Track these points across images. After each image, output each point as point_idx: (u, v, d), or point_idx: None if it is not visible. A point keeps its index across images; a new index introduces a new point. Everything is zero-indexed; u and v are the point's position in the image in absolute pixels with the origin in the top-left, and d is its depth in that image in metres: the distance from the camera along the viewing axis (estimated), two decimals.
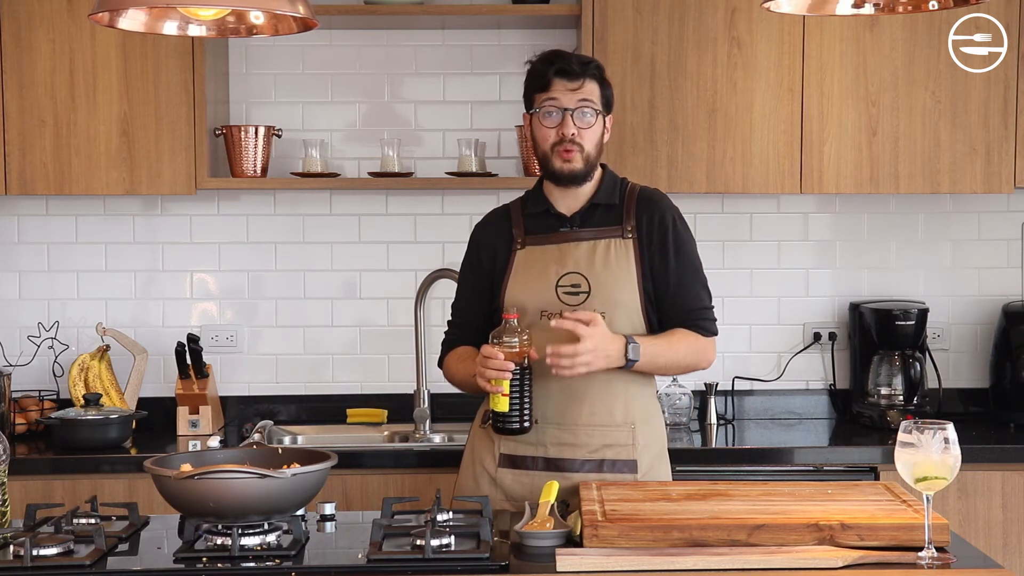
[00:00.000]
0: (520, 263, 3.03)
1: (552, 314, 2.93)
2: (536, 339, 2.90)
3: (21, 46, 3.94)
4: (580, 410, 2.97)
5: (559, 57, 3.02)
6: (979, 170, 4.02)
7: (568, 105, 2.97)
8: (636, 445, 3.00)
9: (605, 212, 3.05)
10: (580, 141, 2.97)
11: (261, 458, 2.67)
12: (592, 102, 2.98)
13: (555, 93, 2.98)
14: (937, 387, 4.23)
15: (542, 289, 2.98)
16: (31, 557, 2.36)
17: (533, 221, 3.07)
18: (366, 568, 2.39)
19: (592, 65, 3.02)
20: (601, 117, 3.01)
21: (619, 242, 3.01)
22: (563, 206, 3.06)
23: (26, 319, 4.30)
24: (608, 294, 2.97)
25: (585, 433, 2.96)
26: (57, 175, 3.98)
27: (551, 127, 2.98)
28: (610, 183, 3.09)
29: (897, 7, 2.60)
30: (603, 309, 2.95)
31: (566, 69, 2.98)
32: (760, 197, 4.34)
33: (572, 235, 3.02)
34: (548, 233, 3.04)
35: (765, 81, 3.99)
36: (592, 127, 2.98)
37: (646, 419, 3.04)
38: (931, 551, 2.35)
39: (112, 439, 3.84)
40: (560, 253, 3.01)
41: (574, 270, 2.98)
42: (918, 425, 2.38)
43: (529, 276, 3.01)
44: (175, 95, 3.98)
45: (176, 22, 2.66)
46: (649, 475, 3.02)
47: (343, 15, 4.08)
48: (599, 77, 3.03)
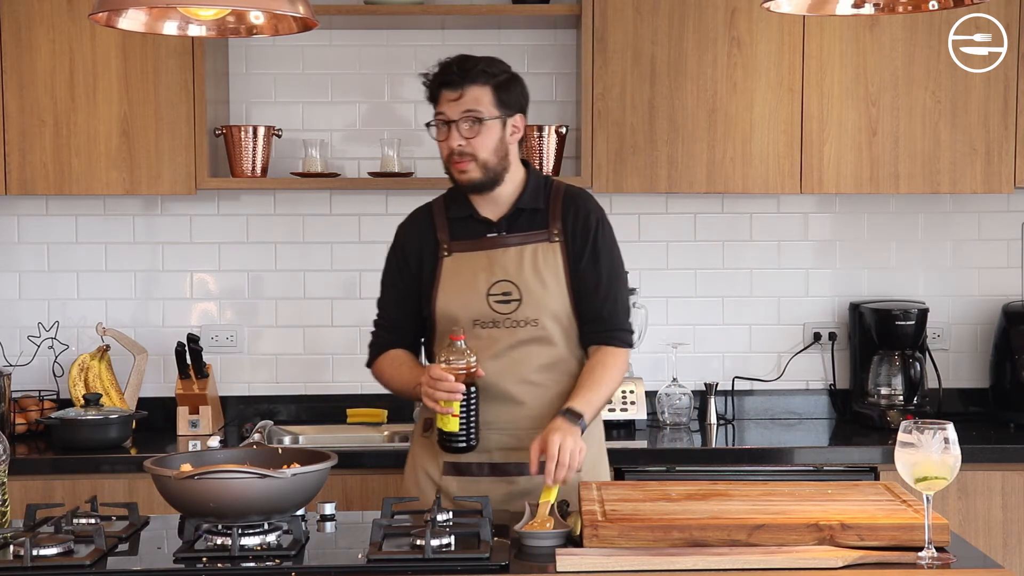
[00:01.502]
0: (448, 271, 3.01)
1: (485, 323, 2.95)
2: (474, 349, 2.90)
3: (21, 46, 3.94)
4: (520, 414, 2.97)
5: (444, 68, 2.98)
6: (979, 170, 4.02)
7: (452, 116, 2.94)
8: None
9: (531, 216, 3.03)
10: (471, 151, 2.94)
11: (261, 458, 2.67)
12: (476, 110, 2.93)
13: (442, 106, 2.96)
14: (937, 387, 4.23)
15: (473, 299, 2.97)
16: (31, 557, 2.36)
17: (458, 226, 3.05)
18: (366, 568, 2.39)
19: (476, 70, 2.95)
20: (496, 122, 2.95)
21: (546, 246, 3.00)
22: (487, 211, 3.04)
23: (26, 319, 4.30)
24: (538, 301, 2.96)
25: (528, 437, 2.94)
26: (57, 175, 3.98)
27: (442, 140, 2.97)
28: (534, 185, 3.06)
29: (897, 7, 2.60)
30: (535, 316, 2.96)
31: (447, 80, 2.95)
32: (760, 197, 4.34)
33: (499, 241, 3.00)
34: (474, 239, 3.02)
35: (765, 81, 3.99)
36: (480, 135, 2.93)
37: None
38: (931, 551, 2.36)
39: (112, 439, 3.84)
40: (488, 260, 2.99)
41: (504, 278, 2.97)
42: (918, 425, 2.38)
43: (459, 285, 2.99)
44: (175, 95, 3.98)
45: (176, 22, 2.66)
46: (590, 473, 3.02)
47: (343, 15, 4.08)
48: (489, 80, 2.96)
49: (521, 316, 2.96)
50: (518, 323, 2.96)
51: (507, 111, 2.98)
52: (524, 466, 2.92)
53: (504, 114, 2.97)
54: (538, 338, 2.97)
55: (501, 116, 2.96)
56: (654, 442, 3.98)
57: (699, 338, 4.37)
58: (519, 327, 2.96)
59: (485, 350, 2.93)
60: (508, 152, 3.00)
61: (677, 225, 4.37)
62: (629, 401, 4.10)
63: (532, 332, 2.96)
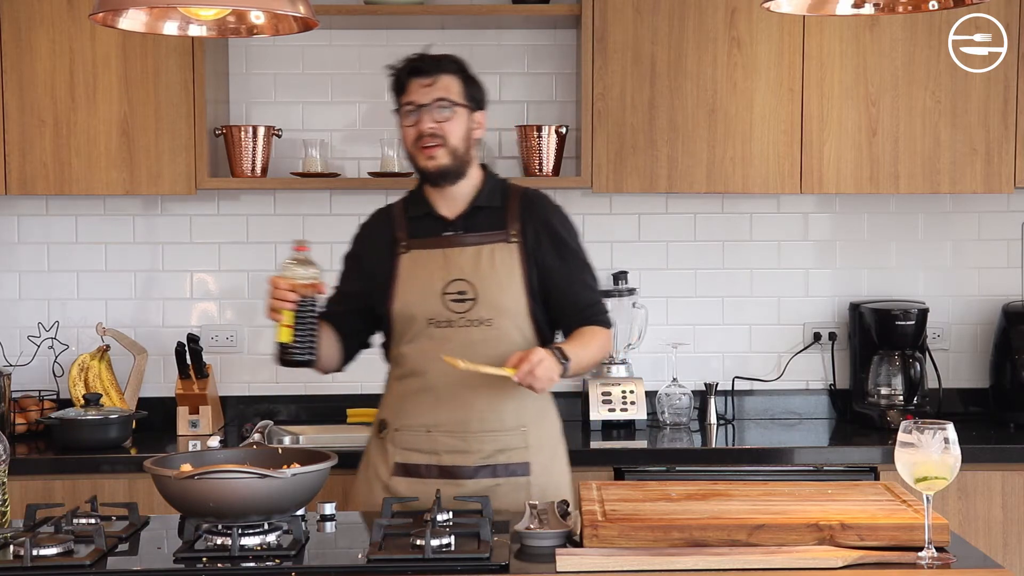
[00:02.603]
0: (405, 269, 3.02)
1: (440, 322, 2.96)
2: (427, 349, 2.94)
3: (21, 46, 3.94)
4: (471, 417, 2.98)
5: (414, 59, 3.03)
6: (979, 170, 4.02)
7: (423, 101, 2.97)
8: (528, 447, 3.02)
9: (488, 215, 3.04)
10: (442, 134, 2.97)
11: (261, 458, 2.67)
12: (448, 98, 2.97)
13: (411, 94, 2.99)
14: (937, 387, 4.23)
15: (428, 298, 2.98)
16: (31, 557, 2.36)
17: (416, 224, 3.07)
18: (366, 568, 2.39)
19: (446, 60, 3.02)
20: (464, 111, 3.00)
21: (503, 246, 3.01)
22: (445, 209, 3.05)
23: (26, 319, 4.30)
24: (494, 300, 2.97)
25: (477, 440, 2.96)
26: (57, 175, 3.98)
27: (410, 126, 2.99)
28: (491, 185, 3.08)
29: (897, 7, 2.60)
30: (490, 315, 2.97)
31: (419, 68, 3.00)
32: (760, 197, 4.34)
33: (456, 239, 3.02)
34: (431, 236, 3.03)
35: (765, 81, 3.99)
36: (451, 120, 2.97)
37: (538, 420, 3.06)
38: (931, 551, 2.35)
39: (112, 439, 3.84)
40: (445, 259, 3.00)
41: (459, 276, 2.98)
42: (918, 425, 2.38)
43: (415, 284, 3.00)
44: (175, 95, 3.98)
45: (176, 22, 2.66)
46: (543, 476, 3.02)
47: (343, 15, 4.08)
48: (458, 72, 3.02)
49: (475, 316, 2.97)
50: (472, 322, 2.97)
51: (473, 104, 3.03)
52: (472, 469, 2.96)
53: (471, 105, 3.02)
54: (492, 339, 2.97)
55: (468, 106, 3.01)
56: (654, 442, 3.98)
57: (699, 338, 4.37)
58: (473, 327, 2.97)
59: (438, 350, 2.94)
60: (472, 146, 3.04)
61: (677, 225, 4.37)
62: (629, 401, 4.11)
63: (486, 332, 2.97)
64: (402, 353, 3.04)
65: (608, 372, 4.22)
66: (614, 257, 4.35)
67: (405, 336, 3.03)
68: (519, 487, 2.95)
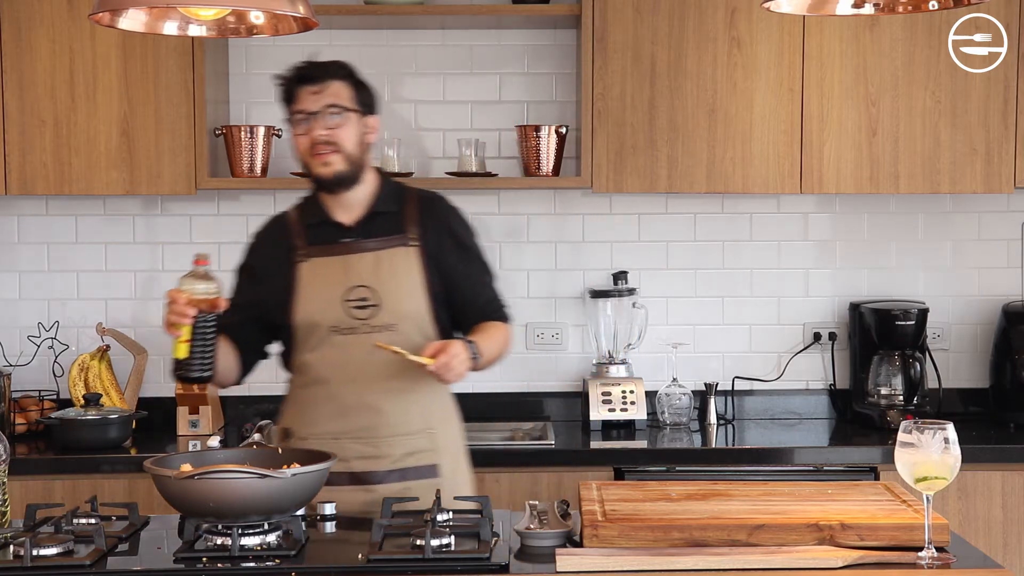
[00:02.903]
0: (305, 277, 3.00)
1: (343, 330, 2.95)
2: (331, 357, 2.93)
3: (21, 46, 3.94)
4: (380, 422, 2.97)
5: (301, 66, 3.01)
6: (979, 170, 4.02)
7: (314, 109, 2.95)
8: (436, 449, 3.02)
9: (386, 220, 3.03)
10: (335, 140, 2.94)
11: (261, 458, 2.67)
12: (338, 104, 2.95)
13: (301, 102, 2.96)
14: (937, 387, 4.23)
15: (330, 305, 2.96)
16: (31, 557, 2.36)
17: (313, 231, 3.04)
18: (366, 568, 2.39)
19: (334, 66, 3.00)
20: (356, 116, 2.98)
21: (403, 250, 3.00)
22: (342, 215, 3.03)
23: (26, 319, 4.30)
24: (396, 305, 2.96)
25: (387, 444, 2.96)
26: (57, 175, 3.98)
27: (302, 134, 2.96)
28: (388, 189, 3.07)
29: (897, 7, 2.60)
30: (393, 321, 2.96)
31: (306, 75, 2.97)
32: (760, 197, 4.34)
33: (355, 246, 3.00)
34: (330, 244, 3.01)
35: (765, 81, 3.99)
36: (343, 127, 2.95)
37: (443, 421, 3.07)
38: (931, 551, 2.36)
39: (112, 439, 3.84)
40: (344, 265, 2.98)
41: (360, 283, 2.97)
42: (918, 425, 2.38)
43: (316, 292, 2.98)
44: (175, 95, 3.98)
45: (176, 22, 2.66)
46: (451, 477, 3.01)
47: (343, 15, 4.08)
48: (346, 78, 3.00)
49: (379, 322, 2.95)
50: (375, 328, 2.95)
51: (364, 109, 3.01)
52: (383, 474, 2.95)
53: (362, 110, 3.00)
54: (396, 343, 2.93)
55: (360, 111, 2.99)
56: (654, 442, 3.98)
57: (699, 338, 4.37)
58: (376, 333, 2.95)
59: (343, 358, 2.92)
60: (366, 151, 3.02)
61: (677, 225, 4.37)
62: (629, 401, 4.11)
63: (389, 338, 2.95)
64: (305, 362, 3.02)
65: (608, 372, 4.22)
66: (614, 257, 4.35)
67: (307, 344, 3.00)
68: (428, 489, 2.91)
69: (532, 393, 4.35)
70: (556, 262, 4.37)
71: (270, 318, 3.05)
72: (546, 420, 4.27)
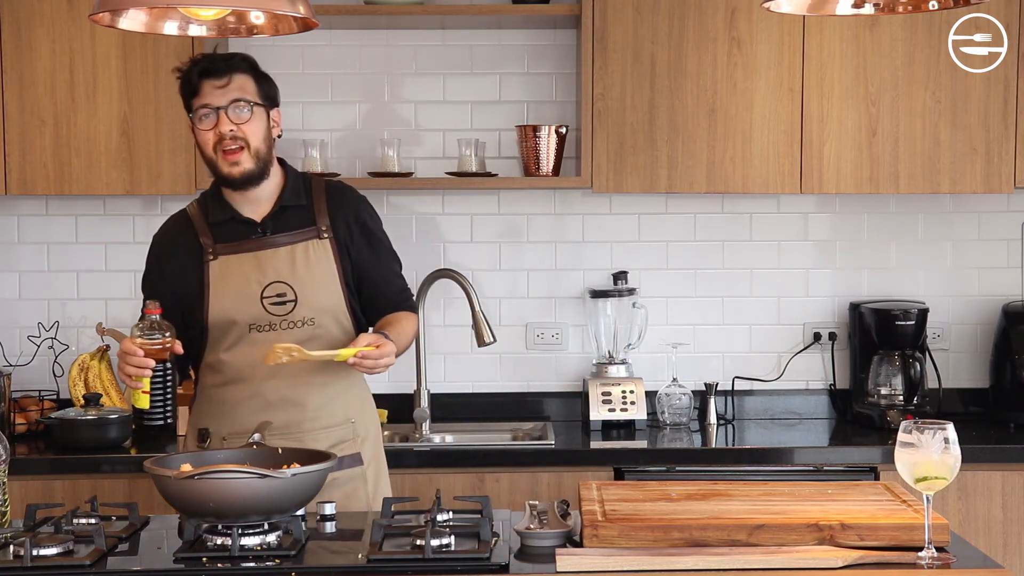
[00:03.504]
0: (216, 276, 2.97)
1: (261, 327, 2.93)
2: (250, 354, 2.92)
3: (21, 46, 3.94)
4: (303, 415, 2.97)
5: (204, 59, 2.97)
6: (979, 170, 4.02)
7: (220, 103, 2.91)
8: (358, 438, 3.04)
9: (295, 213, 3.01)
10: (243, 135, 2.92)
11: (261, 458, 2.67)
12: (244, 98, 2.92)
13: (205, 96, 2.93)
14: (937, 387, 4.23)
15: (247, 303, 2.95)
16: (31, 557, 2.36)
17: (220, 229, 3.00)
18: (366, 568, 2.39)
19: (237, 59, 2.97)
20: (263, 110, 2.95)
21: (316, 243, 2.99)
22: (249, 211, 3.00)
23: (26, 319, 4.30)
24: (314, 300, 2.96)
25: (311, 438, 2.96)
26: (57, 175, 3.98)
27: (208, 129, 2.93)
28: (294, 182, 3.05)
29: (897, 7, 2.60)
30: (311, 315, 2.96)
31: (210, 69, 2.93)
32: (760, 197, 4.34)
33: (267, 242, 2.97)
34: (240, 240, 2.98)
35: (765, 81, 3.99)
36: (250, 121, 2.92)
37: (361, 410, 3.08)
38: (931, 551, 2.36)
39: (112, 439, 3.84)
40: (258, 262, 2.96)
41: (276, 279, 2.95)
42: (918, 425, 2.38)
43: (230, 290, 2.96)
44: (175, 95, 3.93)
45: (176, 22, 2.66)
46: (373, 464, 3.03)
47: (343, 15, 4.08)
48: (250, 71, 2.97)
49: (297, 316, 2.95)
50: (294, 324, 2.95)
51: (269, 103, 2.99)
52: None
53: (267, 104, 2.98)
54: (315, 337, 2.95)
55: (265, 106, 2.97)
56: (654, 442, 3.98)
57: (699, 338, 4.37)
58: (295, 328, 2.95)
59: (261, 354, 2.89)
60: (272, 146, 3.00)
61: (677, 225, 4.37)
62: (629, 401, 4.11)
63: (309, 332, 2.95)
64: (221, 360, 3.00)
65: (608, 372, 4.22)
66: (614, 257, 4.35)
67: (223, 343, 2.99)
68: (354, 477, 2.94)
69: (532, 393, 4.35)
70: (556, 262, 4.37)
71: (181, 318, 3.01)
72: (546, 420, 4.27)
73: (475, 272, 4.28)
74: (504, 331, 4.29)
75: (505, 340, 4.28)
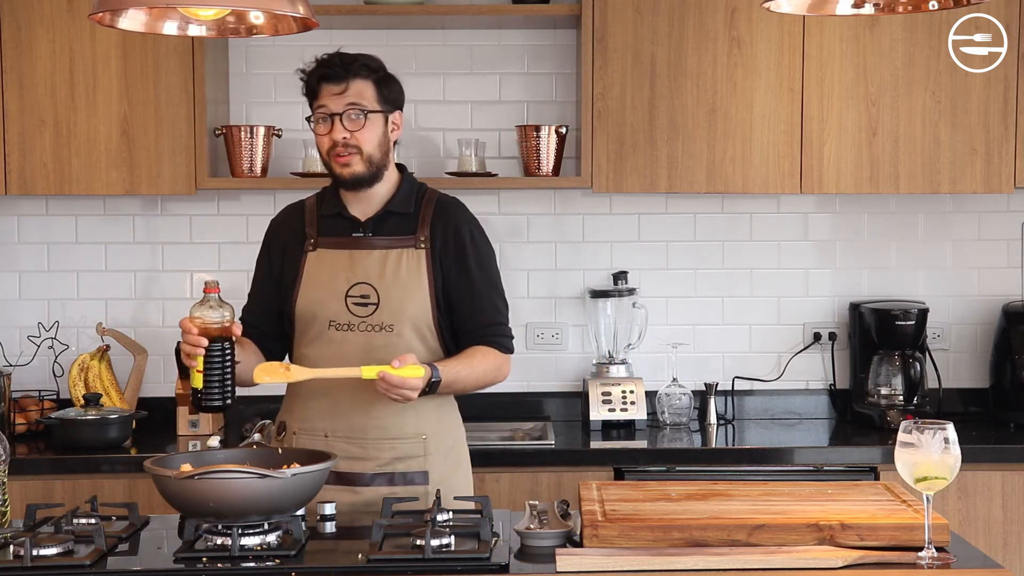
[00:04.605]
0: (311, 268, 2.98)
1: (340, 325, 2.92)
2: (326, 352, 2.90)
3: (21, 46, 3.94)
4: (370, 423, 2.94)
5: (324, 62, 2.95)
6: (979, 170, 4.02)
7: (336, 109, 2.91)
8: (427, 455, 2.98)
9: (400, 220, 3.00)
10: (356, 143, 2.92)
11: (261, 458, 2.67)
12: (360, 103, 2.92)
13: (323, 99, 2.93)
14: (937, 387, 4.23)
15: (331, 299, 2.94)
16: (31, 557, 2.36)
17: (327, 223, 3.02)
18: (366, 568, 2.39)
19: (357, 64, 2.94)
20: (380, 116, 2.94)
21: (411, 252, 2.97)
22: (357, 210, 3.01)
23: (26, 319, 4.30)
24: (397, 306, 2.93)
25: (375, 447, 2.93)
26: (57, 175, 3.98)
27: (324, 134, 2.94)
28: (407, 189, 3.03)
29: (897, 7, 2.60)
30: (391, 321, 2.92)
31: (329, 73, 2.92)
32: (760, 197, 4.34)
33: (364, 242, 2.97)
34: (340, 237, 2.99)
35: (765, 81, 3.99)
36: (365, 128, 2.92)
37: (438, 428, 3.01)
38: (931, 551, 2.36)
39: (112, 439, 3.84)
40: (351, 260, 2.96)
41: (364, 280, 2.94)
42: (918, 425, 2.38)
43: (319, 285, 2.96)
44: (175, 95, 3.98)
45: (176, 22, 2.66)
46: (442, 485, 2.95)
47: (343, 15, 4.08)
48: (371, 75, 2.95)
49: (377, 321, 2.93)
50: (373, 327, 2.93)
51: (388, 107, 2.97)
52: (369, 476, 2.92)
53: (386, 109, 2.97)
54: (393, 345, 2.92)
55: (384, 111, 2.96)
56: (654, 442, 3.98)
57: (699, 338, 4.37)
58: (374, 332, 2.93)
59: (339, 354, 2.90)
60: (389, 149, 3.00)
61: (677, 225, 4.37)
62: (629, 401, 4.11)
63: (387, 338, 2.92)
64: (303, 355, 3.00)
65: (608, 372, 4.22)
66: (614, 257, 4.36)
67: (306, 337, 2.99)
68: (416, 495, 2.88)
69: (532, 393, 4.35)
70: (556, 262, 4.37)
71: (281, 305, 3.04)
72: (546, 420, 4.27)
73: None
74: None
75: None
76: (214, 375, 2.75)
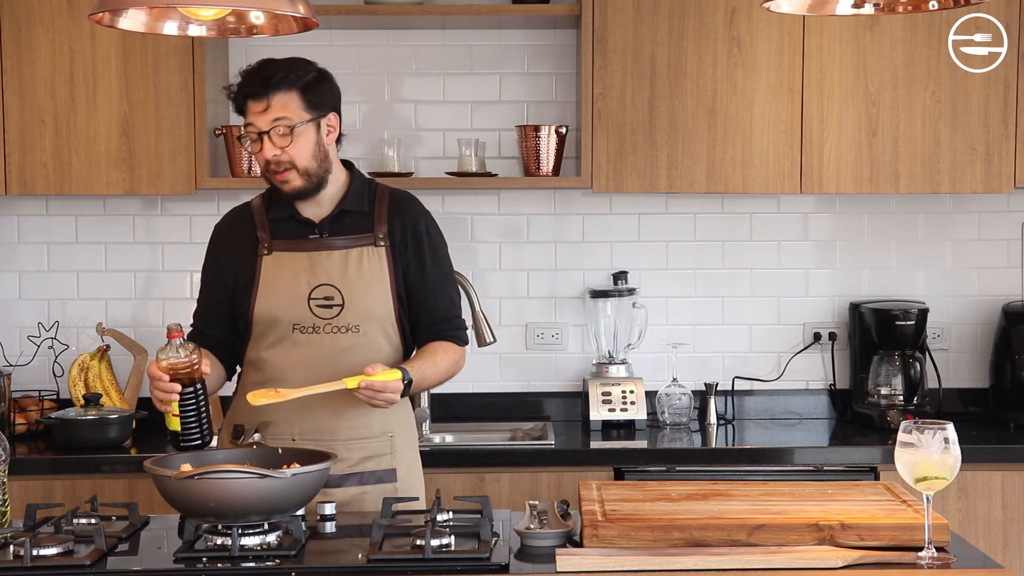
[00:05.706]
0: (268, 272, 2.95)
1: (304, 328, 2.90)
2: (291, 355, 2.90)
3: (21, 46, 3.94)
4: (339, 425, 2.94)
5: (246, 79, 2.89)
6: (979, 170, 4.02)
7: (262, 127, 2.86)
8: (394, 453, 2.99)
9: (355, 218, 2.97)
10: (288, 159, 2.88)
11: (261, 458, 2.67)
12: (285, 117, 2.85)
13: (250, 117, 2.89)
14: (937, 387, 4.23)
15: (293, 302, 2.92)
16: (31, 557, 2.36)
17: (279, 225, 2.98)
18: (366, 568, 2.39)
19: (278, 77, 2.86)
20: (310, 126, 2.87)
21: (371, 250, 2.95)
22: (309, 212, 2.97)
23: (26, 319, 4.30)
24: (361, 306, 2.92)
25: (345, 448, 2.92)
26: (57, 175, 3.98)
27: (256, 152, 2.91)
28: (358, 187, 3.00)
29: (897, 7, 2.60)
30: (357, 322, 2.91)
31: (251, 92, 2.87)
32: (760, 197, 4.34)
33: (323, 243, 2.95)
34: (296, 239, 2.96)
35: (765, 81, 3.99)
36: (294, 143, 2.86)
37: (401, 425, 3.02)
38: (931, 551, 2.36)
39: (112, 439, 3.84)
40: (311, 262, 2.94)
41: (326, 281, 2.92)
42: (918, 425, 2.38)
43: (278, 287, 2.94)
44: (175, 95, 3.98)
45: (176, 22, 2.66)
46: (407, 480, 2.97)
47: (343, 15, 4.08)
48: (293, 85, 2.86)
49: (342, 322, 2.91)
50: (339, 329, 2.91)
51: (318, 112, 2.90)
52: (339, 477, 2.91)
53: (316, 116, 2.90)
54: (359, 345, 2.91)
55: (313, 119, 2.90)
56: (654, 442, 3.98)
57: (699, 338, 4.37)
58: (340, 333, 2.92)
59: (304, 358, 2.89)
60: (327, 154, 2.94)
61: (677, 225, 4.37)
62: (629, 401, 4.11)
63: (353, 339, 2.92)
64: (262, 358, 2.97)
65: (608, 372, 4.22)
66: (614, 257, 4.36)
67: (265, 340, 2.96)
68: (385, 494, 2.88)
69: (532, 393, 4.35)
70: (556, 262, 4.37)
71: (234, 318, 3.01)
72: (546, 420, 4.27)
73: (475, 272, 4.28)
74: (504, 331, 4.29)
75: (505, 340, 4.28)
76: (190, 417, 2.75)
